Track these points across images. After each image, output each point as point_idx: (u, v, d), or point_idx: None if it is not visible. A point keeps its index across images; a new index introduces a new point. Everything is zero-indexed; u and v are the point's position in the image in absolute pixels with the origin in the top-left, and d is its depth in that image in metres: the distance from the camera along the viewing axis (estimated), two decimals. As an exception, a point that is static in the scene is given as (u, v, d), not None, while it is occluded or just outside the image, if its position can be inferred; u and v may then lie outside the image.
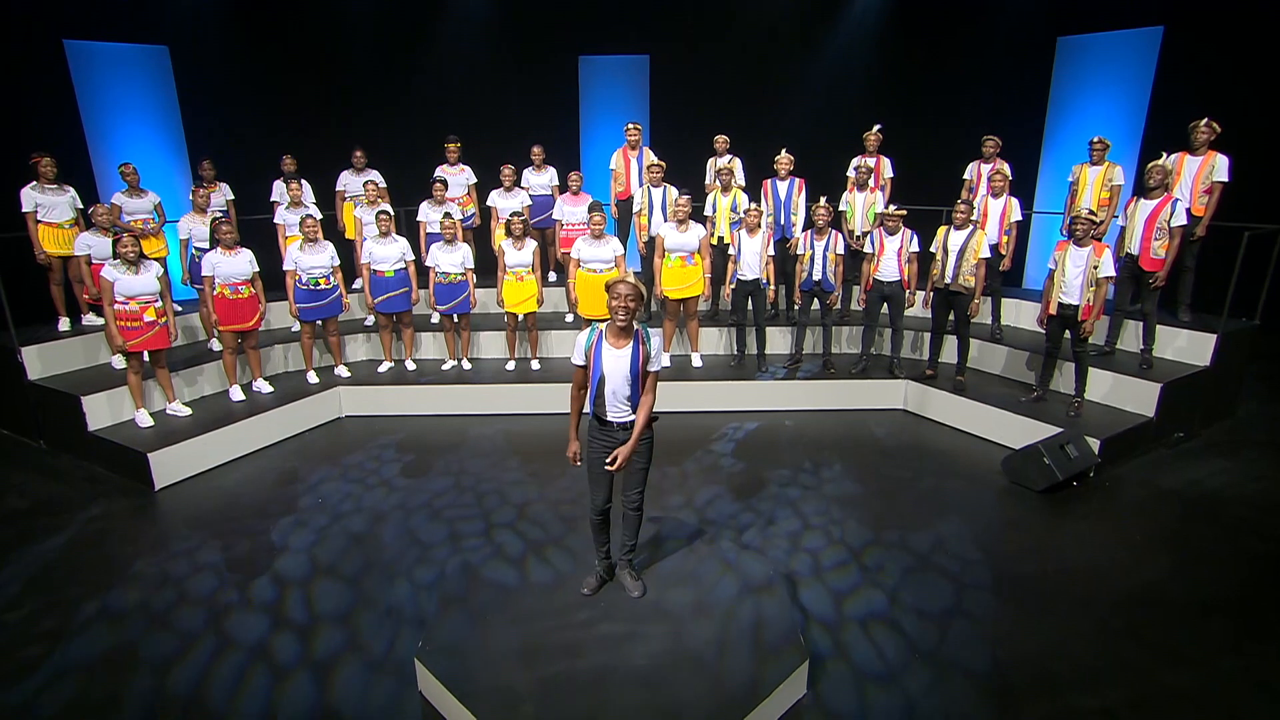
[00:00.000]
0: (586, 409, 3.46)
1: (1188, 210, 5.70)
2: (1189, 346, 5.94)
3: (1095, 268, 5.24)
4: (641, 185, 7.16)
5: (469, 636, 3.30)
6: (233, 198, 7.20)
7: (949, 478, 5.28)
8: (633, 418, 3.40)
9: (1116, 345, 6.24)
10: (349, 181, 7.51)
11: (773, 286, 6.54)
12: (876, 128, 7.12)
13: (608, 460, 3.29)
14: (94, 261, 5.77)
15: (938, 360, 6.50)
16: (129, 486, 5.22)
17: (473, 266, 6.65)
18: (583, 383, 3.39)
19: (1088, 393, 5.71)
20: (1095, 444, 5.18)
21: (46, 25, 7.61)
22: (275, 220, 6.99)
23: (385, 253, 6.40)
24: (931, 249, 6.07)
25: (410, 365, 6.91)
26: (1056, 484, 4.91)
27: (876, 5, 8.98)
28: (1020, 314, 7.12)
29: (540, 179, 7.69)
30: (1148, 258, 5.70)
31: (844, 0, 9.09)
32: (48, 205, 5.96)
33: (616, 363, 3.28)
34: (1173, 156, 5.87)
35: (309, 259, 6.16)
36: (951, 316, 6.13)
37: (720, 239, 6.87)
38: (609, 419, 3.39)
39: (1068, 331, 5.55)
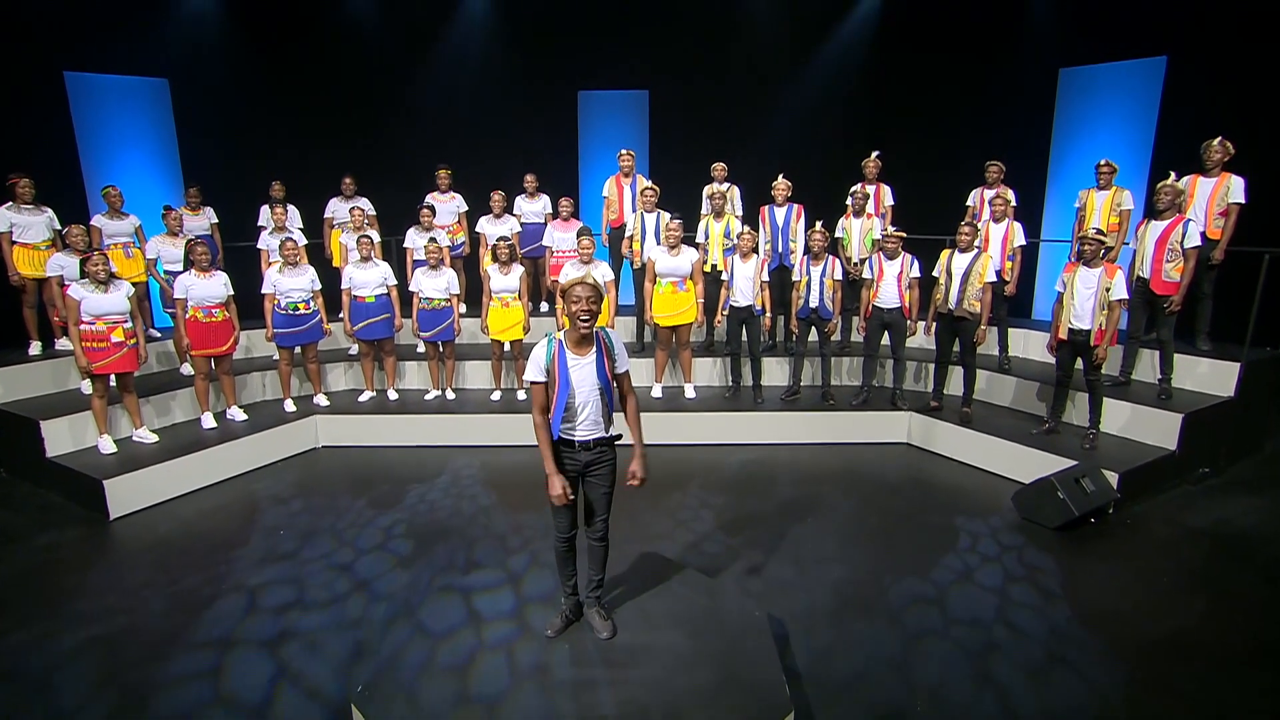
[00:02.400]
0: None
1: (1202, 233, 5.43)
2: (1211, 376, 5.59)
3: (1107, 290, 4.96)
4: (635, 211, 6.99)
5: (414, 679, 2.94)
6: (216, 221, 7.08)
7: (955, 514, 4.90)
8: (605, 434, 3.12)
9: (1132, 375, 5.88)
10: (337, 209, 7.40)
11: (768, 314, 6.27)
12: (875, 154, 6.97)
13: (629, 479, 3.05)
14: (65, 282, 5.60)
15: (943, 392, 6.16)
16: (83, 515, 4.93)
17: (458, 292, 6.45)
18: (545, 404, 3.08)
19: (1103, 425, 5.36)
20: (1113, 478, 4.80)
21: (49, 57, 7.66)
22: (259, 245, 6.85)
23: (365, 277, 6.21)
24: (934, 273, 5.82)
25: (392, 395, 6.66)
26: (1072, 520, 4.52)
27: (873, 34, 8.93)
28: (1028, 344, 6.80)
29: (533, 207, 7.55)
30: (1159, 280, 5.41)
31: (843, 29, 9.05)
32: (23, 225, 5.84)
33: (583, 373, 3.00)
34: (1185, 178, 5.64)
35: (288, 282, 5.98)
36: (957, 345, 5.83)
37: (714, 266, 6.65)
38: (578, 438, 3.10)
39: (1079, 359, 5.23)
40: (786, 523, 4.78)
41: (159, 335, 6.79)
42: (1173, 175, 5.45)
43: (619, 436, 3.22)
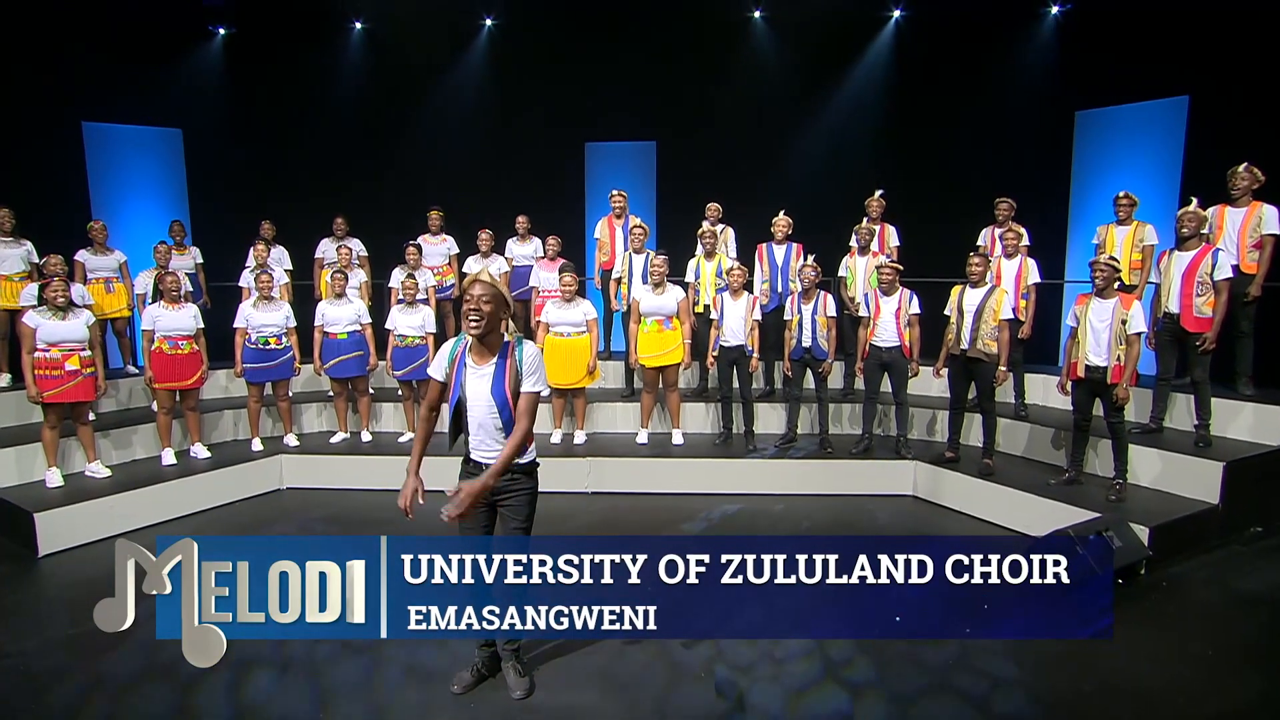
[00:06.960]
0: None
1: (1235, 266, 4.93)
2: (1256, 423, 4.97)
3: (1124, 322, 4.46)
4: (625, 250, 6.76)
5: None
6: (201, 261, 7.08)
7: (963, 573, 4.29)
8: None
9: (1165, 423, 5.27)
10: (327, 249, 7.33)
11: (755, 355, 5.87)
12: (878, 193, 6.68)
13: (448, 502, 2.59)
14: (37, 311, 5.53)
15: (959, 441, 5.59)
16: (11, 551, 4.65)
17: (434, 331, 6.22)
18: (436, 402, 2.78)
19: (1132, 475, 4.75)
20: (1144, 533, 4.17)
21: (69, 108, 7.94)
22: (240, 284, 6.79)
23: (338, 314, 6.03)
24: (945, 311, 5.38)
25: (366, 436, 6.35)
26: (1096, 580, 3.89)
27: (883, 78, 8.77)
28: (1048, 390, 6.19)
29: (524, 250, 7.38)
30: (1190, 316, 4.88)
31: (854, 72, 8.91)
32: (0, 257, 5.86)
33: (478, 385, 2.68)
34: (1211, 208, 5.19)
35: (261, 317, 5.83)
36: (973, 391, 5.32)
37: (706, 308, 6.32)
38: (484, 459, 2.73)
39: (1098, 400, 4.68)
40: (766, 577, 4.23)
41: (136, 372, 6.66)
42: (1194, 201, 5.01)
43: (536, 464, 2.86)
